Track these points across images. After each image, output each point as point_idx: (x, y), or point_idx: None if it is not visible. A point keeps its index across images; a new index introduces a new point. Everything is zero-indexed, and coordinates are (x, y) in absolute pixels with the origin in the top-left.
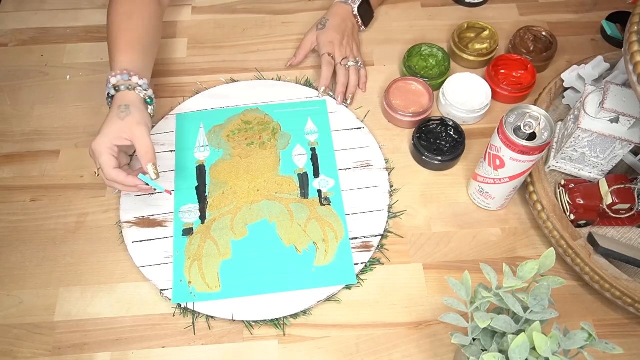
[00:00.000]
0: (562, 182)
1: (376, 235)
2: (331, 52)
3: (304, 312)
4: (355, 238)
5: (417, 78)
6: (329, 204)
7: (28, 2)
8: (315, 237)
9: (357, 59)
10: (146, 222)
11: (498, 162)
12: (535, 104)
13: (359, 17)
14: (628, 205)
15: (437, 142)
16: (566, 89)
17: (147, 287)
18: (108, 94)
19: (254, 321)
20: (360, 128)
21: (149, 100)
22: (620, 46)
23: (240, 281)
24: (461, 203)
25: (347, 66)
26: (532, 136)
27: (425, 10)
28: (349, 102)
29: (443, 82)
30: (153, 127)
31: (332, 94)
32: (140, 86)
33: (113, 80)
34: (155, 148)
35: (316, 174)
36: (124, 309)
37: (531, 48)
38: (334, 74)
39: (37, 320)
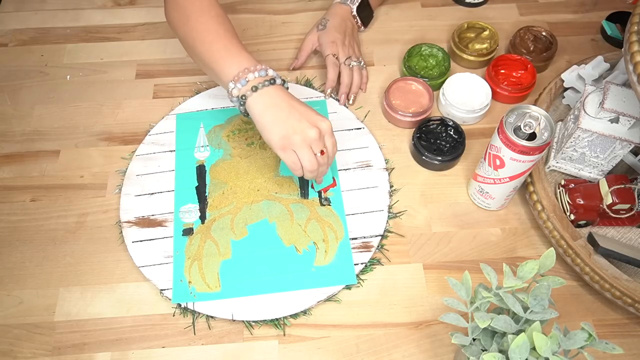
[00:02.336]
0: (562, 182)
1: (376, 236)
2: (335, 52)
3: (304, 312)
4: (355, 238)
5: (417, 78)
6: (329, 204)
7: (28, 2)
8: (315, 237)
9: (360, 58)
10: (146, 222)
11: (498, 162)
12: (535, 104)
13: (357, 17)
14: (628, 205)
15: (437, 142)
16: (566, 89)
17: (147, 287)
18: (243, 96)
19: (254, 321)
20: (360, 128)
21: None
22: (620, 46)
23: (240, 281)
24: (461, 203)
25: (351, 66)
26: (532, 136)
27: (425, 10)
28: (350, 102)
29: (443, 82)
30: (153, 126)
31: (334, 95)
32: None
33: (255, 74)
34: (155, 148)
35: None
36: (124, 309)
37: (531, 48)
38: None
39: (37, 320)
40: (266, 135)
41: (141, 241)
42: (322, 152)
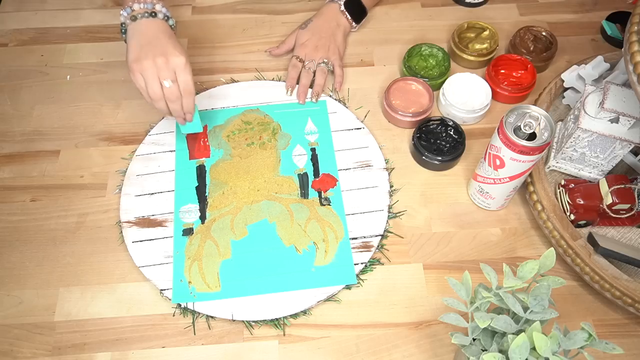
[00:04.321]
0: (562, 182)
1: (376, 235)
2: (300, 55)
3: (304, 312)
4: (355, 238)
5: (417, 78)
6: (329, 204)
7: (28, 2)
8: (315, 237)
9: (327, 60)
10: (146, 222)
11: (498, 162)
12: (535, 104)
13: (347, 13)
14: (628, 205)
15: (437, 142)
16: (566, 89)
17: (147, 287)
18: (122, 24)
19: (254, 321)
20: (360, 128)
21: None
22: (620, 46)
23: (240, 281)
24: (461, 203)
25: (311, 69)
26: (532, 136)
27: (425, 10)
28: (314, 100)
29: (443, 82)
30: (153, 126)
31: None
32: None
33: (136, 7)
34: (155, 148)
35: (316, 174)
36: (124, 309)
37: (531, 48)
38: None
39: (37, 320)
40: (126, 57)
41: (141, 241)
42: (167, 83)
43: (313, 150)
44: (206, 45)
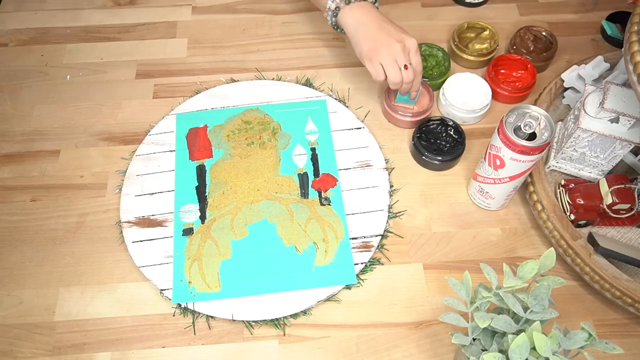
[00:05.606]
0: (562, 182)
1: (376, 235)
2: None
3: (304, 312)
4: (355, 238)
5: None
6: (329, 204)
7: (28, 2)
8: (315, 237)
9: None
10: (146, 222)
11: (498, 162)
12: (535, 104)
13: None
14: (628, 205)
15: (437, 142)
16: (566, 89)
17: (147, 287)
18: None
19: (254, 321)
20: (360, 128)
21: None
22: (620, 46)
23: (240, 281)
24: (461, 203)
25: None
26: (532, 136)
27: (425, 10)
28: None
29: (443, 82)
30: (153, 126)
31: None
32: None
33: None
34: (155, 148)
35: (316, 174)
36: (124, 309)
37: (531, 48)
38: None
39: (37, 320)
40: (357, 49)
41: (141, 241)
42: (405, 67)
43: (313, 150)
44: (206, 45)
